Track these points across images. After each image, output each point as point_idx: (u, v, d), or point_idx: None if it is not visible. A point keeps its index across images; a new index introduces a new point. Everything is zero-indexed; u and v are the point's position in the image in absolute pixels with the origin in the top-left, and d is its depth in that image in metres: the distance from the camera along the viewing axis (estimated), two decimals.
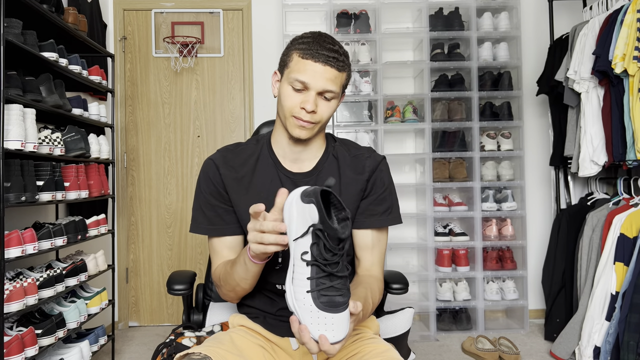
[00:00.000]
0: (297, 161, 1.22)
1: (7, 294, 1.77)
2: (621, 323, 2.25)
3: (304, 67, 1.10)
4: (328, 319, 0.86)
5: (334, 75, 1.11)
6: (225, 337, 1.14)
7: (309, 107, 1.10)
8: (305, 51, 1.11)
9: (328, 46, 1.11)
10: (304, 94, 1.12)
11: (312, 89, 1.11)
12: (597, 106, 2.64)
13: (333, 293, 0.87)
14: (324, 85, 1.10)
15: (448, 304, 3.09)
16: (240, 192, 1.19)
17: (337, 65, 1.11)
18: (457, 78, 3.20)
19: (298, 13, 3.27)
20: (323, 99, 1.13)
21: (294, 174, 1.21)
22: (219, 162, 1.20)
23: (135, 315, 3.41)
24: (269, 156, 1.22)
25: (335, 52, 1.11)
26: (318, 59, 1.09)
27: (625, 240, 2.38)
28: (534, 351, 2.78)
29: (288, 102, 1.13)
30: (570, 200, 3.12)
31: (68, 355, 2.14)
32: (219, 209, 1.20)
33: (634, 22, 2.39)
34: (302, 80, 1.10)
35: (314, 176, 1.21)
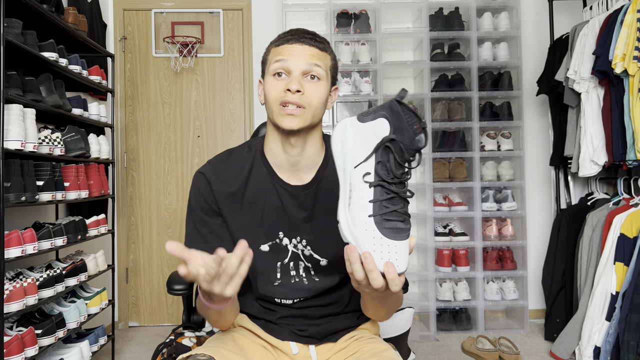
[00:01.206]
0: (294, 170, 1.12)
1: (7, 294, 1.77)
2: (621, 323, 2.25)
3: (281, 51, 1.05)
4: (392, 247, 0.79)
5: (316, 52, 1.05)
6: (228, 337, 1.14)
7: (294, 86, 1.01)
8: (279, 40, 1.07)
9: (304, 31, 1.08)
10: (287, 79, 1.04)
11: (294, 70, 1.04)
12: (597, 106, 2.64)
13: (396, 218, 0.80)
14: (307, 61, 1.04)
15: (448, 304, 3.09)
16: (234, 208, 1.11)
17: (317, 44, 1.06)
18: (457, 78, 3.20)
19: (298, 13, 3.27)
20: (309, 79, 1.04)
21: (292, 187, 1.11)
22: (210, 176, 1.11)
23: (135, 315, 3.41)
24: (263, 166, 1.13)
25: (313, 34, 1.07)
26: (295, 41, 1.05)
27: (626, 240, 2.38)
28: (534, 351, 2.78)
29: (272, 92, 1.05)
30: (570, 200, 3.11)
31: (68, 355, 2.14)
32: (213, 225, 1.12)
33: (634, 22, 2.39)
34: (281, 59, 1.04)
35: (313, 187, 1.12)
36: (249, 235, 1.07)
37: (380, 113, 0.81)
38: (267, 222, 1.11)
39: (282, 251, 1.12)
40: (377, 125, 0.81)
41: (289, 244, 1.12)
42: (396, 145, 0.79)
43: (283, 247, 1.11)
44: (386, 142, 0.80)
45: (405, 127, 0.79)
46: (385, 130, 0.80)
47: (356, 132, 0.84)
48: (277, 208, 1.10)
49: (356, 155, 0.83)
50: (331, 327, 1.14)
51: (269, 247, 1.11)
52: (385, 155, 0.80)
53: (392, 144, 0.79)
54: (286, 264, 1.12)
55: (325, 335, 1.14)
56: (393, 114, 0.80)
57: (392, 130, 0.79)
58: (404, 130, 0.79)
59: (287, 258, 1.12)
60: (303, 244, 1.12)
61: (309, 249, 1.12)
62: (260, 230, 1.11)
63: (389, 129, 0.80)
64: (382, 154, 0.80)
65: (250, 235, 1.09)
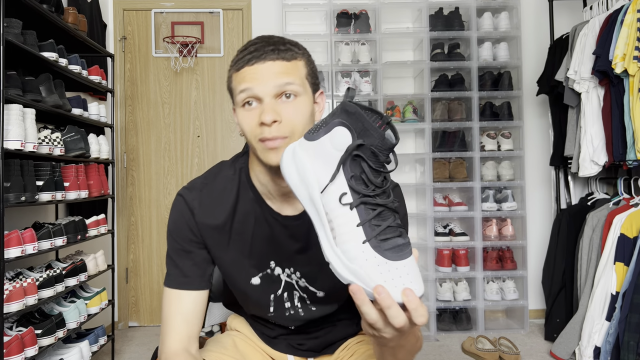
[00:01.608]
0: (285, 199, 0.98)
1: (6, 294, 1.77)
2: (621, 323, 2.24)
3: (242, 76, 0.89)
4: (400, 269, 0.66)
5: (283, 67, 0.88)
6: (228, 340, 1.11)
7: (268, 118, 0.85)
8: (238, 62, 0.90)
9: (262, 43, 0.90)
10: (258, 107, 0.89)
11: (263, 96, 0.87)
12: (597, 106, 2.63)
13: (392, 234, 0.68)
14: (276, 82, 0.87)
15: (448, 304, 3.09)
16: (221, 243, 0.99)
17: (281, 55, 0.89)
18: (457, 78, 3.19)
19: (298, 13, 3.27)
20: (284, 100, 0.89)
21: (283, 217, 0.98)
22: (194, 205, 0.98)
23: (135, 315, 3.41)
24: (250, 191, 0.99)
25: (274, 43, 0.90)
26: (255, 61, 0.88)
27: (626, 240, 2.38)
28: (534, 351, 2.78)
29: (246, 126, 0.90)
30: (570, 200, 3.11)
31: (68, 356, 2.14)
32: (195, 256, 0.99)
33: (634, 22, 2.39)
34: (245, 87, 0.88)
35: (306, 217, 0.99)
36: (239, 270, 1.00)
37: (334, 121, 0.71)
38: (257, 252, 1.00)
39: (275, 282, 1.02)
40: (335, 136, 0.70)
41: (281, 273, 1.02)
42: (366, 150, 0.68)
43: (275, 277, 1.02)
44: (353, 151, 0.69)
45: (371, 127, 0.68)
46: (347, 138, 0.69)
47: (309, 153, 0.72)
48: (267, 237, 0.99)
49: (320, 179, 0.71)
50: (330, 338, 1.12)
51: (260, 279, 1.01)
52: (356, 166, 0.69)
53: (360, 150, 0.69)
54: (279, 296, 1.03)
55: (324, 347, 1.12)
56: (351, 117, 0.69)
57: (355, 135, 0.69)
58: (370, 130, 0.68)
59: (280, 289, 1.02)
60: (297, 275, 1.02)
61: (303, 281, 1.02)
62: (250, 263, 1.00)
63: (350, 135, 0.69)
64: (351, 166, 0.69)
65: (240, 269, 1.00)
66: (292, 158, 0.75)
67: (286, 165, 0.75)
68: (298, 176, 0.74)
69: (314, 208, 0.72)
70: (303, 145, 0.74)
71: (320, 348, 1.12)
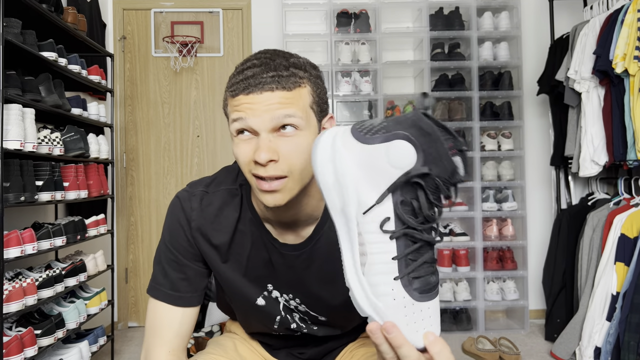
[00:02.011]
0: (286, 227, 0.91)
1: (6, 294, 1.76)
2: (622, 323, 2.24)
3: (236, 105, 0.78)
4: (425, 310, 0.59)
5: (284, 97, 0.77)
6: (229, 343, 1.09)
7: (262, 157, 0.76)
8: (234, 86, 0.79)
9: (262, 67, 0.78)
10: (253, 139, 0.79)
11: (259, 130, 0.77)
12: (598, 106, 2.63)
13: (425, 272, 0.59)
14: (273, 113, 0.76)
15: (448, 304, 3.09)
16: (218, 260, 0.94)
17: (282, 83, 0.77)
18: (458, 78, 3.19)
19: (298, 12, 3.27)
20: (282, 135, 0.78)
21: (281, 245, 0.91)
22: (191, 216, 0.91)
23: (134, 315, 3.40)
24: (249, 212, 0.92)
25: (275, 68, 0.78)
26: (251, 90, 0.77)
27: (626, 241, 2.37)
28: (534, 351, 2.77)
29: (240, 157, 0.80)
30: (570, 200, 3.11)
31: (67, 356, 2.13)
32: (189, 270, 0.93)
33: (634, 22, 2.38)
34: (239, 117, 0.78)
35: (307, 249, 0.91)
36: (239, 289, 0.96)
37: (399, 133, 0.58)
38: (253, 275, 0.94)
39: (275, 304, 0.97)
40: (395, 149, 0.58)
41: (279, 296, 0.97)
42: (430, 180, 0.57)
43: (273, 299, 0.97)
44: (414, 177, 0.57)
45: (444, 155, 0.57)
46: (409, 159, 0.57)
47: (355, 157, 0.60)
48: (263, 262, 0.93)
49: (362, 194, 0.59)
50: (330, 345, 1.10)
51: (265, 300, 0.97)
52: (410, 192, 0.58)
53: (423, 178, 0.57)
54: (284, 317, 0.99)
55: (325, 354, 1.11)
56: (423, 136, 0.57)
57: (422, 159, 0.57)
58: (442, 159, 0.57)
59: (280, 313, 0.99)
60: (297, 302, 0.97)
61: (304, 307, 0.97)
62: (248, 284, 0.95)
63: (416, 156, 0.57)
64: (404, 191, 0.58)
65: (241, 288, 0.96)
66: (332, 155, 0.62)
67: (321, 161, 0.62)
68: (334, 179, 0.61)
69: (344, 222, 0.62)
70: (348, 143, 0.61)
71: (321, 356, 1.10)
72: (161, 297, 0.93)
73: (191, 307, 0.94)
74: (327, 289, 0.93)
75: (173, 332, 0.93)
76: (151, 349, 0.93)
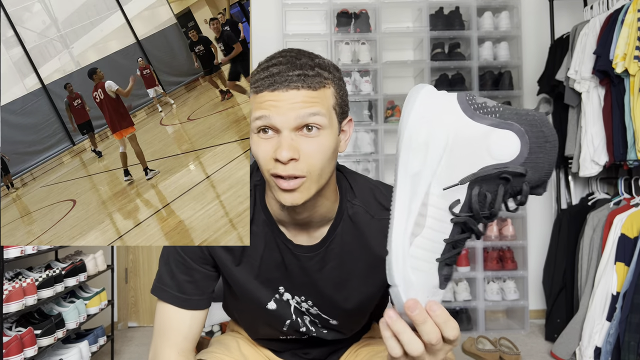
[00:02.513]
0: (300, 228, 0.91)
1: (6, 294, 1.76)
2: (622, 323, 2.24)
3: (260, 102, 0.78)
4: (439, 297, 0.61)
5: (309, 96, 0.77)
6: (232, 343, 1.09)
7: (284, 155, 0.75)
8: (258, 83, 0.79)
9: (287, 64, 0.78)
10: (274, 137, 0.78)
11: (282, 128, 0.77)
12: (598, 106, 2.63)
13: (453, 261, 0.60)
14: (297, 112, 0.76)
15: (448, 304, 3.08)
16: (231, 263, 0.93)
17: (308, 82, 0.77)
18: (458, 78, 3.19)
19: (298, 12, 3.27)
20: (304, 135, 0.78)
21: (295, 246, 0.91)
22: None
23: (134, 315, 3.40)
24: (263, 213, 0.92)
25: (301, 67, 0.78)
26: (277, 87, 0.77)
27: (626, 241, 2.37)
28: (534, 352, 2.77)
29: (260, 155, 0.80)
30: (571, 200, 3.11)
31: (67, 356, 2.13)
32: (197, 273, 0.93)
33: (634, 22, 2.38)
34: (262, 115, 0.77)
35: (321, 250, 0.91)
36: (251, 292, 0.95)
37: (514, 125, 0.56)
38: (265, 277, 0.94)
39: (285, 307, 0.98)
40: (501, 139, 0.56)
41: (290, 299, 0.97)
42: (519, 181, 0.56)
43: (284, 302, 0.97)
44: (507, 173, 0.55)
45: (546, 166, 0.55)
46: (511, 152, 0.55)
47: (456, 128, 0.57)
48: (276, 264, 0.93)
49: (450, 167, 0.57)
50: (335, 346, 1.10)
51: (276, 304, 0.97)
52: (492, 185, 0.56)
53: (514, 177, 0.55)
54: (295, 321, 0.99)
55: (329, 354, 1.11)
56: (534, 138, 0.55)
57: (524, 157, 0.55)
58: (544, 168, 0.55)
59: (291, 316, 0.99)
60: (309, 304, 0.97)
61: (315, 309, 0.98)
62: (260, 286, 0.95)
63: (518, 153, 0.55)
64: (488, 181, 0.56)
65: (252, 292, 0.95)
66: (430, 114, 0.58)
67: (416, 117, 0.59)
68: (424, 140, 0.58)
69: (411, 186, 0.58)
70: (452, 110, 0.58)
71: (325, 356, 1.10)
72: (167, 299, 0.93)
73: (199, 310, 0.94)
74: (340, 291, 0.93)
75: (182, 334, 0.93)
76: (159, 351, 0.93)
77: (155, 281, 0.95)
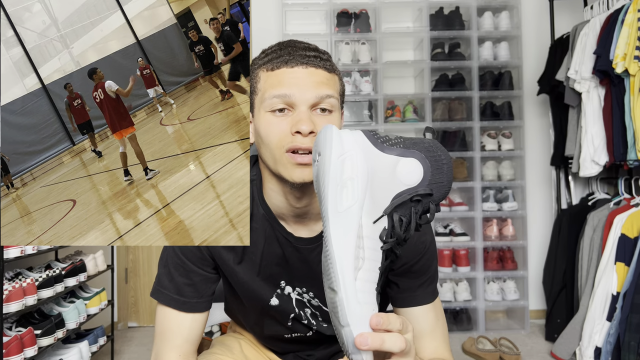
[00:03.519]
0: (300, 220, 0.91)
1: (6, 294, 1.76)
2: (622, 323, 2.24)
3: (279, 78, 0.79)
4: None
5: (324, 76, 0.80)
6: (234, 344, 1.09)
7: (305, 127, 0.76)
8: (273, 61, 0.81)
9: (302, 46, 0.83)
10: (291, 116, 0.79)
11: (300, 104, 0.78)
12: (598, 106, 2.63)
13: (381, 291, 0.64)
14: (317, 91, 0.78)
15: (449, 304, 3.08)
16: (232, 261, 0.93)
17: (324, 64, 0.81)
18: (458, 78, 3.19)
19: (298, 12, 3.27)
20: (320, 114, 0.80)
21: (296, 239, 0.92)
22: None
23: (134, 315, 3.40)
24: (261, 207, 0.92)
25: (315, 50, 0.83)
26: (295, 63, 0.79)
27: (626, 241, 2.37)
28: (534, 352, 2.77)
29: (273, 134, 0.79)
30: (571, 200, 3.11)
31: (67, 356, 2.13)
32: (196, 276, 0.92)
33: (634, 22, 2.38)
34: (283, 94, 0.78)
35: (321, 242, 0.91)
36: (253, 290, 0.95)
37: (416, 153, 0.62)
38: (267, 272, 0.94)
39: (287, 301, 0.98)
40: (408, 166, 0.62)
41: (291, 292, 0.97)
42: (426, 202, 0.62)
43: (286, 296, 0.97)
44: (418, 196, 0.61)
45: (446, 185, 0.62)
46: (415, 177, 0.61)
47: (369, 161, 0.61)
48: (277, 258, 0.94)
49: (373, 198, 0.60)
50: (338, 347, 1.09)
51: (278, 300, 0.97)
52: (406, 209, 0.61)
53: (424, 197, 0.61)
54: (298, 314, 0.99)
55: (332, 355, 1.11)
56: (433, 162, 0.62)
57: (426, 180, 0.61)
58: (444, 187, 0.62)
59: (294, 309, 0.99)
60: (310, 295, 0.98)
61: (317, 301, 0.98)
62: (261, 283, 0.95)
63: (422, 176, 0.62)
64: (403, 207, 0.61)
65: (254, 289, 0.95)
66: (344, 152, 0.61)
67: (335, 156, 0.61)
68: (348, 176, 0.60)
69: (343, 222, 0.59)
70: (363, 146, 0.62)
71: (328, 357, 1.10)
72: (166, 302, 0.93)
73: (199, 313, 0.94)
74: None
75: (182, 337, 0.93)
76: (161, 354, 0.93)
77: (155, 284, 0.95)
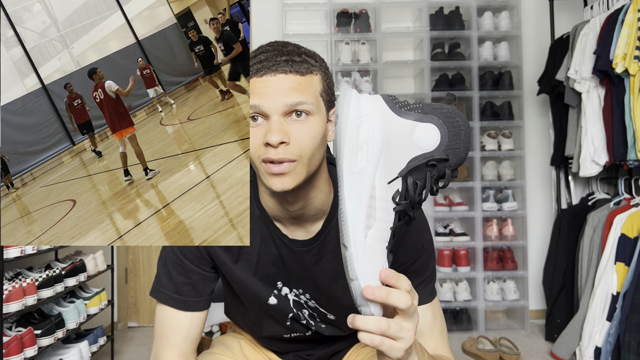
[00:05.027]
0: (297, 221, 0.91)
1: (6, 294, 1.76)
2: (622, 323, 2.24)
3: (253, 87, 0.80)
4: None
5: (295, 82, 0.78)
6: (234, 344, 1.09)
7: (274, 138, 0.76)
8: (252, 68, 0.82)
9: (274, 51, 0.82)
10: (264, 124, 0.79)
11: (271, 113, 0.78)
12: (598, 106, 2.63)
13: (394, 249, 0.65)
14: (286, 100, 0.77)
15: (448, 304, 3.09)
16: (229, 261, 0.93)
17: (295, 67, 0.79)
18: (458, 78, 3.19)
19: (298, 12, 3.27)
20: (296, 119, 0.79)
21: (291, 241, 0.92)
22: None
23: (134, 315, 3.40)
24: (257, 209, 0.93)
25: (288, 53, 0.81)
26: (266, 71, 0.79)
27: (626, 241, 2.37)
28: (534, 352, 2.77)
29: (252, 143, 0.80)
30: (571, 200, 3.11)
31: (67, 356, 2.13)
32: (194, 274, 0.93)
33: (634, 22, 2.38)
34: (254, 104, 0.78)
35: (317, 244, 0.92)
36: (251, 290, 0.95)
37: (434, 119, 0.63)
38: (263, 273, 0.95)
39: (285, 302, 0.98)
40: (424, 131, 0.63)
41: (289, 293, 0.97)
42: (442, 167, 0.63)
43: (283, 297, 0.98)
44: (434, 161, 0.62)
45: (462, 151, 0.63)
46: (432, 142, 0.63)
47: (386, 124, 0.63)
48: (273, 259, 0.94)
49: (388, 160, 0.63)
50: (338, 347, 1.10)
51: (276, 299, 0.97)
52: (421, 173, 0.63)
53: (440, 163, 0.63)
54: (296, 314, 1.00)
55: (332, 354, 1.11)
56: (451, 128, 0.63)
57: (443, 145, 0.63)
58: (461, 153, 0.63)
59: (292, 310, 0.99)
60: (307, 297, 0.98)
61: (313, 302, 0.98)
62: (259, 283, 0.95)
63: (439, 141, 0.63)
64: (418, 170, 0.63)
65: (252, 289, 0.96)
66: (361, 115, 0.63)
67: (352, 119, 0.63)
68: (364, 139, 0.63)
69: (357, 183, 0.62)
70: (381, 109, 0.64)
71: (328, 357, 1.10)
72: (165, 301, 0.93)
73: (198, 312, 0.94)
74: (337, 284, 0.93)
75: (182, 336, 0.93)
76: (160, 353, 0.93)
77: (154, 283, 0.95)
